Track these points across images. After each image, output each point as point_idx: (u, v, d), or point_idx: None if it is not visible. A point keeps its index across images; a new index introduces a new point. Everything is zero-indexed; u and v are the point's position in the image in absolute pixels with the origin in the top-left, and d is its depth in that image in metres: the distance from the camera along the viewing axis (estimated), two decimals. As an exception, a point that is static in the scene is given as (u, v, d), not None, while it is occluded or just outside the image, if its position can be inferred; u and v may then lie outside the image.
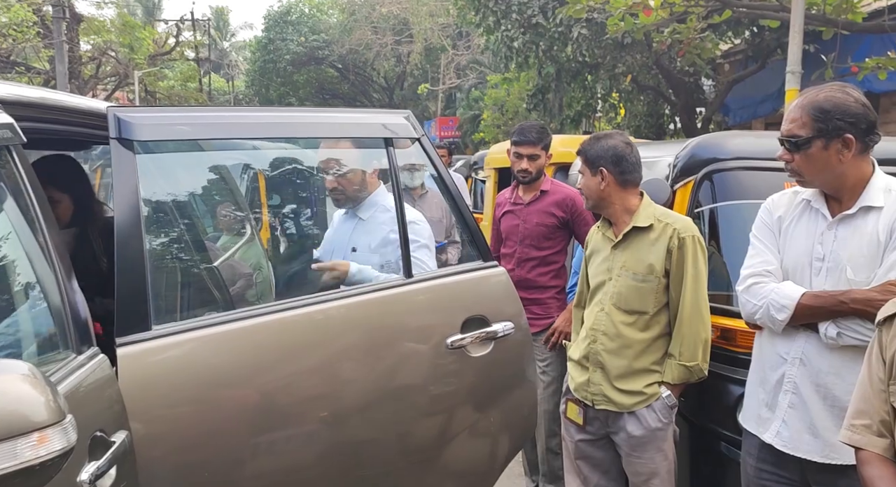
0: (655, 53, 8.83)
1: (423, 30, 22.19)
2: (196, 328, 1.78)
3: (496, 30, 10.69)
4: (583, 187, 2.40)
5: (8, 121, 1.45)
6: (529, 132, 3.16)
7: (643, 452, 2.29)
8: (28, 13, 13.81)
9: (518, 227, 3.22)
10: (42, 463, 0.89)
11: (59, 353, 1.48)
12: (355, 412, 1.96)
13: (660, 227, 2.29)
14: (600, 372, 2.33)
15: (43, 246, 1.48)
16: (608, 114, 13.61)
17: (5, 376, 0.91)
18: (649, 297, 2.27)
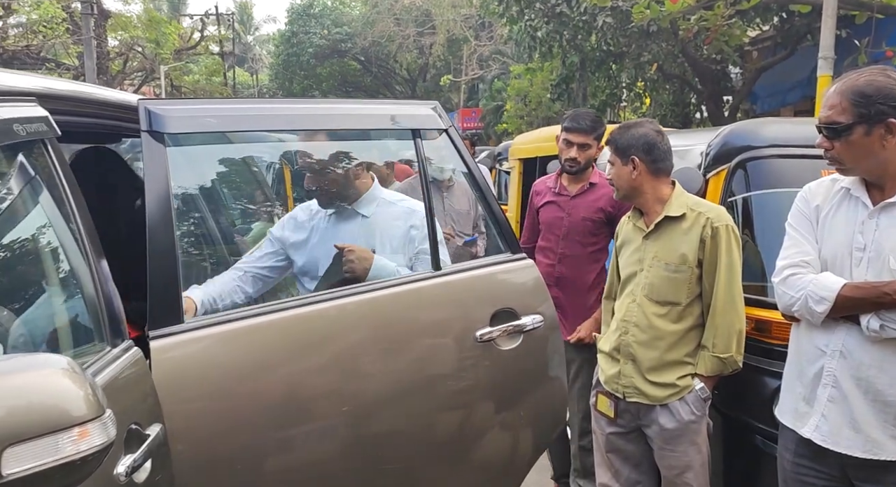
0: (681, 41, 8.69)
1: (446, 21, 22.11)
2: (227, 321, 1.78)
3: (519, 19, 10.61)
4: (613, 177, 2.35)
5: (43, 114, 1.46)
6: (583, 119, 2.98)
7: (676, 445, 2.26)
8: (57, 10, 14.01)
9: (562, 220, 3.03)
10: (83, 458, 0.89)
11: (94, 346, 1.49)
12: (385, 406, 1.96)
13: (693, 217, 2.25)
14: (632, 365, 2.30)
15: (77, 238, 1.49)
16: (633, 104, 13.46)
17: (45, 371, 0.91)
18: (682, 288, 2.24)
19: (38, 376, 0.91)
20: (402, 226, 2.35)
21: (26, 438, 0.85)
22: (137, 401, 1.47)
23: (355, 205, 2.41)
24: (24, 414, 0.86)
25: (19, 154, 1.42)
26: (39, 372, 0.91)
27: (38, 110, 1.46)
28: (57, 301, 1.50)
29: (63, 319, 1.52)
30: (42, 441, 0.86)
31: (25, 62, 15.17)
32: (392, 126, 2.32)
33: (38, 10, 13.70)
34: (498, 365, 2.14)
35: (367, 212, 2.41)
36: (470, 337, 2.08)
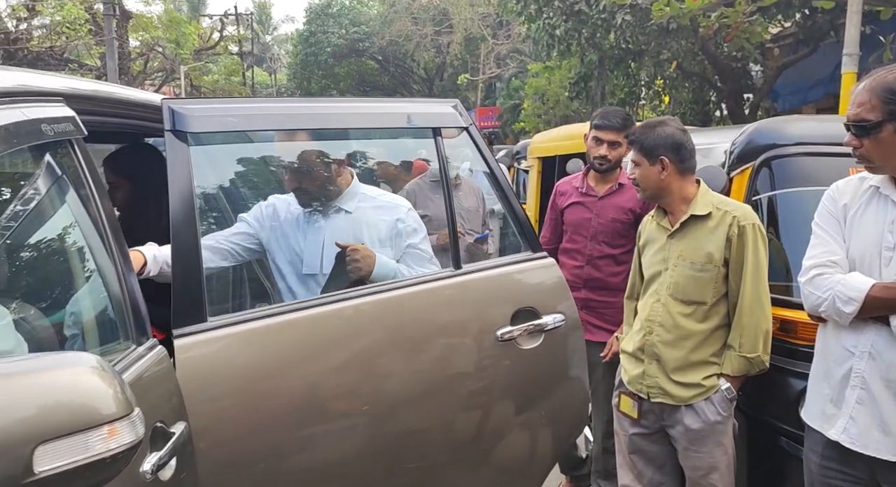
0: (701, 39, 8.61)
1: (463, 20, 22.09)
2: (249, 320, 1.79)
3: (538, 18, 10.56)
4: (639, 178, 2.31)
5: (70, 114, 1.47)
6: (614, 117, 2.94)
7: (701, 446, 2.24)
8: (80, 11, 14.18)
9: (590, 221, 2.98)
10: (113, 456, 0.90)
11: (119, 344, 1.50)
12: (406, 405, 1.95)
13: (719, 215, 2.23)
14: (656, 365, 2.28)
15: (103, 237, 1.50)
16: (652, 102, 13.37)
17: (75, 369, 0.92)
18: (708, 287, 2.22)
19: (67, 374, 0.91)
20: (388, 219, 2.32)
21: (57, 436, 0.85)
22: (162, 399, 1.48)
23: (337, 200, 2.35)
24: (54, 413, 0.87)
25: (47, 153, 1.43)
26: (69, 370, 0.92)
27: (66, 110, 1.47)
28: (83, 299, 1.52)
29: (89, 317, 1.53)
30: (72, 439, 0.87)
31: (49, 63, 15.37)
32: (413, 124, 2.32)
33: (62, 11, 13.88)
34: (519, 365, 2.13)
35: (349, 208, 2.35)
36: (491, 337, 2.07)
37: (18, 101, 1.32)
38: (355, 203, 2.35)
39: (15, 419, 0.83)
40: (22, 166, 1.43)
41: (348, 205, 2.35)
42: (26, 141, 1.30)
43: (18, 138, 1.27)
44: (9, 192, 1.45)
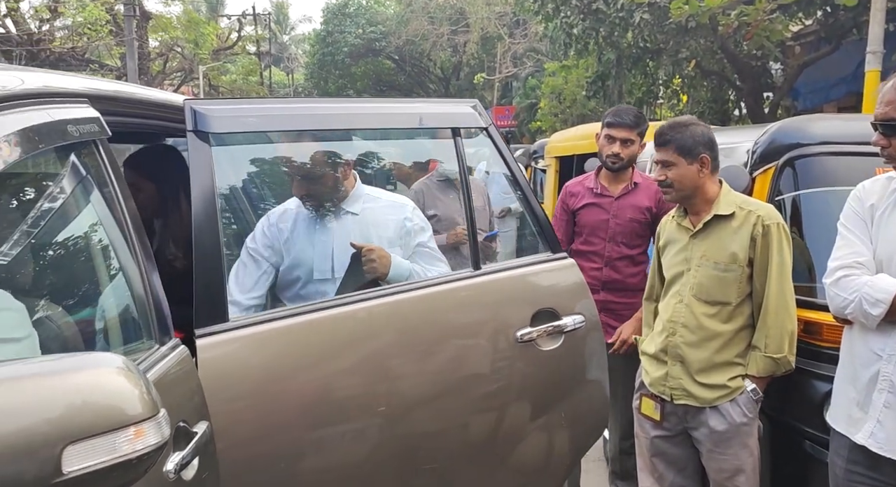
0: (721, 37, 8.53)
1: (480, 19, 22.06)
2: (271, 319, 1.79)
3: (555, 17, 10.51)
4: (675, 178, 2.25)
5: (94, 115, 1.48)
6: (626, 115, 2.90)
7: (727, 448, 2.22)
8: (101, 12, 14.32)
9: (607, 223, 2.93)
10: (139, 457, 0.90)
11: (142, 343, 1.51)
12: (424, 406, 1.95)
13: (742, 215, 2.21)
14: (680, 366, 2.26)
15: (127, 237, 1.51)
16: (670, 101, 13.27)
17: (101, 369, 0.92)
18: (732, 287, 2.20)
19: (94, 375, 0.91)
20: (396, 219, 2.31)
21: (85, 437, 0.86)
22: (185, 399, 1.49)
23: (343, 203, 2.32)
24: (82, 413, 0.87)
25: (72, 154, 1.44)
26: (96, 370, 0.92)
27: (90, 111, 1.48)
28: (107, 298, 1.53)
29: (113, 316, 1.54)
30: (100, 439, 0.87)
31: (71, 63, 15.55)
32: (432, 125, 2.31)
33: (83, 12, 14.03)
34: (538, 366, 2.12)
35: (355, 210, 2.32)
36: (510, 338, 2.06)
37: (44, 103, 1.33)
38: (360, 204, 2.33)
39: (44, 419, 0.84)
40: (48, 167, 1.44)
41: (354, 206, 2.32)
42: (53, 141, 1.31)
43: (45, 139, 1.28)
44: (36, 192, 1.46)
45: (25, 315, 1.21)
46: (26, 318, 1.21)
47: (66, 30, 16.12)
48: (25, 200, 1.48)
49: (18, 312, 1.20)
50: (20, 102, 1.24)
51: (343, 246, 2.23)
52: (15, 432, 0.82)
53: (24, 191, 1.49)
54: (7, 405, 0.82)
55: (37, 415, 0.84)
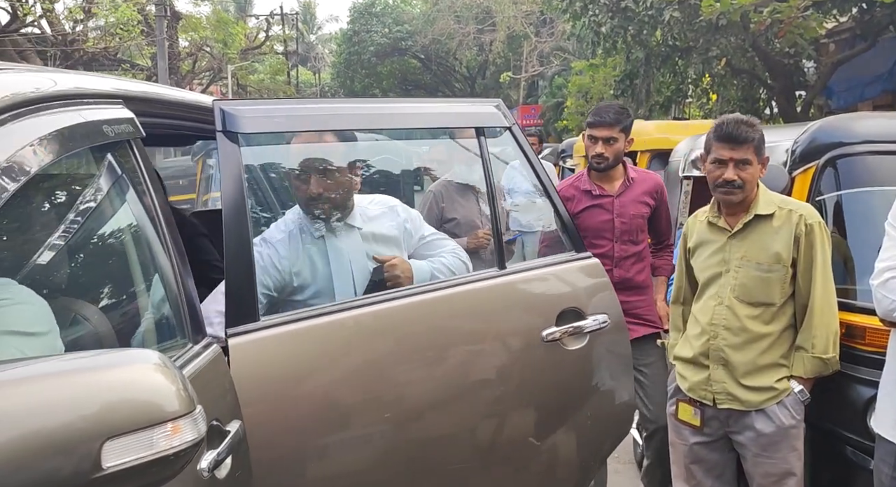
0: (752, 35, 8.38)
1: (506, 17, 21.98)
2: (300, 318, 1.79)
3: (583, 15, 10.43)
4: (748, 178, 2.16)
5: (129, 116, 1.49)
6: (605, 113, 2.86)
7: (775, 451, 2.17)
8: (133, 13, 14.54)
9: (611, 222, 2.88)
10: (176, 453, 0.90)
11: (176, 341, 1.52)
12: (451, 405, 1.94)
13: (783, 214, 2.17)
14: (723, 369, 2.22)
15: (161, 236, 1.51)
16: (700, 100, 13.11)
17: (138, 366, 0.92)
18: (776, 288, 2.16)
19: (131, 371, 0.91)
20: (395, 224, 2.24)
21: (123, 432, 0.86)
22: (218, 397, 1.49)
23: (349, 219, 2.17)
24: (120, 409, 0.87)
25: (108, 154, 1.45)
26: (133, 366, 0.92)
27: (125, 112, 1.49)
28: (141, 297, 1.53)
29: (147, 315, 1.54)
30: (138, 435, 0.87)
31: (103, 64, 15.82)
32: (457, 124, 2.31)
33: (116, 13, 14.25)
34: (564, 366, 2.12)
35: (360, 225, 2.19)
36: (536, 337, 2.06)
37: (78, 104, 1.33)
38: (360, 217, 2.22)
39: (84, 414, 0.84)
40: (84, 167, 1.45)
41: (357, 221, 2.20)
42: (88, 142, 1.32)
43: (80, 140, 1.28)
44: (72, 192, 1.47)
45: (47, 310, 1.21)
46: (48, 314, 1.21)
47: (98, 30, 16.38)
48: (61, 200, 1.49)
49: (39, 307, 1.20)
50: (53, 104, 1.25)
51: (360, 264, 2.12)
52: (55, 427, 0.82)
53: (61, 191, 1.51)
54: (47, 400, 0.83)
55: (77, 411, 0.84)
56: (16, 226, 1.36)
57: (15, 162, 1.06)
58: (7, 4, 13.99)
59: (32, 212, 1.46)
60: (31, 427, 0.81)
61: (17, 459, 0.79)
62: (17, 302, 1.15)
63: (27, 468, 0.80)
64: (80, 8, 14.94)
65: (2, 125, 1.10)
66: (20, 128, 1.13)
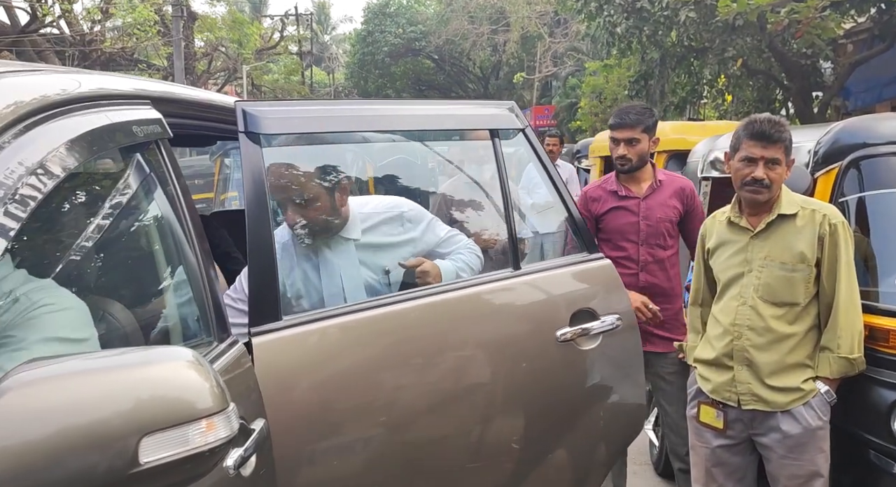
0: (769, 35, 8.33)
1: (520, 18, 21.95)
2: (322, 318, 1.80)
3: (598, 15, 10.41)
4: (777, 178, 2.15)
5: (157, 116, 1.50)
6: (626, 114, 2.82)
7: (802, 453, 2.16)
8: (150, 13, 14.67)
9: (637, 225, 2.83)
10: (210, 450, 0.91)
11: (201, 340, 1.53)
12: (475, 404, 1.95)
13: (806, 214, 2.16)
14: (747, 370, 2.21)
15: (187, 235, 1.53)
16: (715, 101, 13.03)
17: (173, 363, 0.93)
18: (800, 288, 2.15)
19: (167, 368, 0.93)
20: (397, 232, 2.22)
21: (159, 429, 0.87)
22: (243, 396, 1.50)
23: (343, 232, 2.15)
24: (156, 406, 0.88)
25: (137, 154, 1.47)
26: (168, 364, 0.94)
27: (153, 113, 1.50)
28: (168, 296, 1.55)
29: (173, 313, 1.56)
30: (173, 432, 0.88)
31: (120, 64, 15.96)
32: (472, 126, 2.32)
33: (133, 13, 14.38)
34: (578, 366, 2.14)
35: (355, 236, 2.16)
36: (551, 338, 2.08)
37: (109, 105, 1.35)
38: (359, 229, 2.19)
39: (122, 411, 0.85)
40: (114, 167, 1.47)
41: (353, 233, 2.17)
42: (118, 143, 1.34)
43: (110, 140, 1.30)
44: (102, 192, 1.49)
45: (87, 314, 1.23)
46: (88, 318, 1.22)
47: (116, 30, 16.53)
48: (92, 200, 1.51)
49: (81, 311, 1.22)
50: (85, 105, 1.26)
51: (351, 275, 2.10)
52: (95, 423, 0.84)
53: (92, 191, 1.53)
54: (86, 397, 0.84)
55: (115, 407, 0.85)
56: (48, 227, 1.38)
57: (48, 163, 1.07)
58: (27, 5, 14.15)
59: (64, 212, 1.48)
60: (72, 423, 0.82)
61: (57, 454, 0.81)
62: (62, 307, 1.17)
63: (67, 463, 0.81)
64: (98, 8, 15.09)
65: (35, 126, 1.12)
66: (52, 130, 1.14)
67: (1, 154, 1.00)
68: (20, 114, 1.08)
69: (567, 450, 2.18)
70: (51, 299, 1.16)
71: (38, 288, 1.18)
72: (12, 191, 0.96)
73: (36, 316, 1.14)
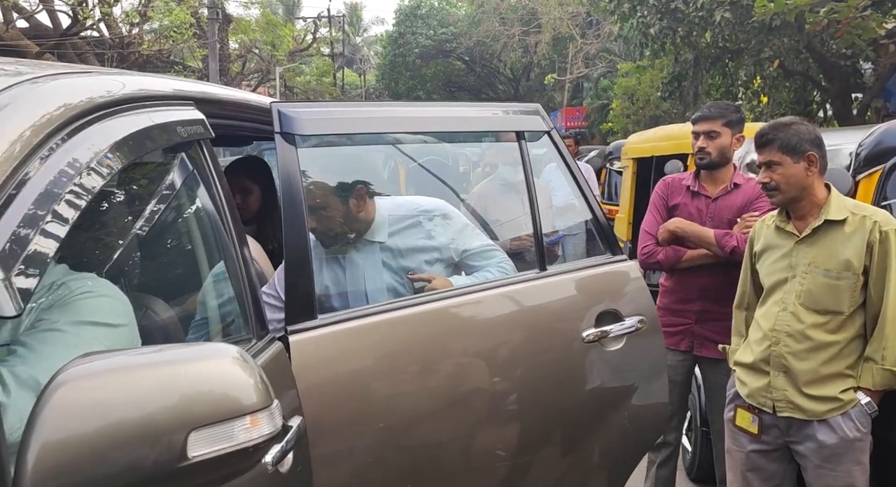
0: (807, 36, 8.18)
1: (552, 19, 21.85)
2: (356, 317, 1.81)
3: (631, 16, 10.32)
4: (780, 179, 2.15)
5: (200, 117, 1.53)
6: (708, 108, 2.78)
7: (838, 464, 2.12)
8: (187, 16, 14.93)
9: (704, 226, 2.75)
10: (255, 446, 0.93)
11: (241, 337, 1.56)
12: (504, 401, 1.96)
13: (856, 220, 2.11)
14: (783, 376, 2.18)
15: (228, 234, 1.55)
16: (750, 102, 12.83)
17: (219, 360, 0.95)
18: (845, 296, 2.10)
19: (213, 364, 0.94)
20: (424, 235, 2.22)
21: (207, 424, 0.89)
22: (281, 393, 1.52)
23: (367, 235, 2.19)
24: (203, 401, 0.90)
25: (180, 154, 1.50)
26: (214, 360, 0.95)
27: (196, 113, 1.53)
28: (209, 292, 1.58)
29: (214, 310, 1.59)
30: (220, 427, 0.90)
31: (157, 66, 16.28)
32: (498, 128, 2.36)
33: (170, 16, 14.65)
34: (605, 366, 2.16)
35: (381, 238, 2.19)
36: (578, 338, 2.10)
37: (155, 106, 1.38)
38: (385, 231, 2.21)
39: (171, 405, 0.87)
40: (159, 167, 1.50)
41: (379, 236, 2.20)
42: (163, 143, 1.37)
43: (155, 141, 1.33)
44: (147, 192, 1.52)
45: (126, 304, 1.24)
46: (127, 307, 1.24)
47: (153, 33, 16.84)
48: (135, 198, 1.55)
49: (119, 300, 1.24)
50: (132, 106, 1.29)
51: (374, 277, 2.13)
52: (145, 417, 0.85)
53: (135, 190, 1.56)
54: (137, 392, 0.86)
55: (164, 402, 0.87)
56: (96, 225, 1.42)
57: (95, 165, 1.09)
58: (68, 8, 14.49)
59: (108, 210, 1.52)
60: (124, 417, 0.84)
61: (109, 447, 0.83)
62: (100, 294, 1.20)
63: (118, 456, 0.84)
64: (136, 11, 15.40)
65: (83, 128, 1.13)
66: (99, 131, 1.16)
67: (51, 156, 1.02)
68: (69, 116, 1.10)
69: (595, 449, 2.20)
70: (88, 287, 1.19)
71: (78, 278, 1.21)
72: (62, 194, 0.99)
73: (72, 301, 1.16)
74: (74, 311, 1.15)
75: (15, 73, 1.19)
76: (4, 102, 1.03)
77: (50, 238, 0.94)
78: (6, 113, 1.01)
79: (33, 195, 0.94)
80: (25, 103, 1.05)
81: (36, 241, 0.91)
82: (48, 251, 0.93)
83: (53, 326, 1.12)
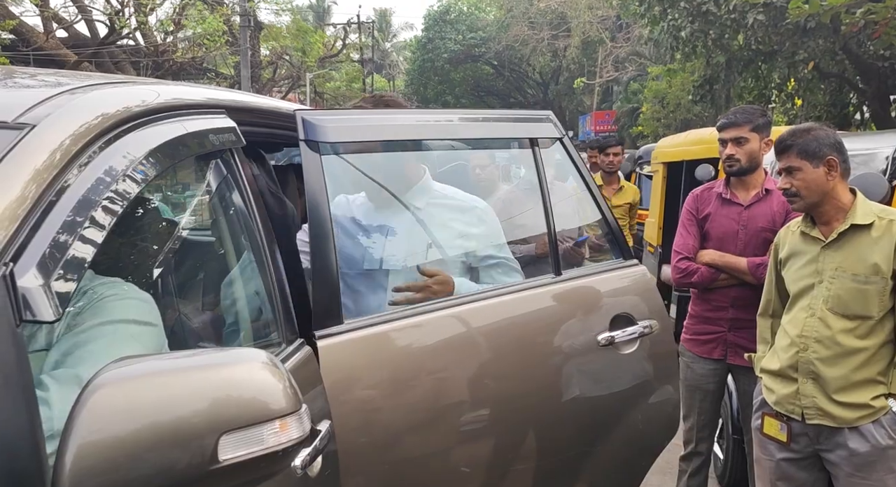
0: (843, 37, 8.04)
1: (581, 23, 21.79)
2: (381, 322, 1.82)
3: (662, 19, 10.25)
4: (801, 184, 2.14)
5: (231, 125, 1.56)
6: (734, 113, 2.72)
7: (870, 472, 2.08)
8: (220, 24, 15.19)
9: (737, 234, 2.72)
10: (284, 450, 0.94)
11: (271, 341, 1.58)
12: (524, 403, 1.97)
13: (883, 224, 2.08)
14: (812, 383, 2.15)
15: (259, 240, 1.58)
16: (784, 105, 12.64)
17: (249, 364, 0.97)
18: (874, 300, 2.07)
19: (243, 369, 0.96)
20: (463, 220, 2.20)
21: (236, 428, 0.90)
22: (310, 397, 1.54)
23: (406, 195, 2.19)
24: (233, 405, 0.91)
25: (213, 162, 1.53)
26: (244, 365, 0.97)
27: (227, 121, 1.56)
28: (240, 299, 1.60)
29: (244, 315, 1.61)
30: (250, 431, 0.91)
31: (190, 73, 16.59)
32: (513, 135, 2.40)
33: (203, 24, 14.92)
34: (619, 369, 2.19)
35: (419, 204, 2.19)
36: (593, 341, 2.12)
37: (187, 114, 1.41)
38: (426, 199, 2.21)
39: (202, 409, 0.89)
40: (191, 175, 1.53)
41: (418, 200, 2.20)
42: (196, 151, 1.39)
43: (188, 149, 1.35)
44: (179, 198, 1.55)
45: (153, 306, 1.26)
46: (154, 309, 1.26)
47: (187, 41, 17.16)
48: (167, 205, 1.58)
49: (146, 302, 1.26)
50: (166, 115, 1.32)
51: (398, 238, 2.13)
52: (178, 421, 0.87)
53: (168, 196, 1.60)
54: (170, 395, 0.88)
55: (196, 406, 0.89)
56: (129, 232, 1.45)
57: (131, 173, 1.11)
58: (105, 18, 14.84)
59: (141, 216, 1.55)
60: (158, 420, 0.86)
61: (143, 450, 0.85)
62: (126, 297, 1.22)
63: (151, 458, 0.85)
64: (170, 20, 15.72)
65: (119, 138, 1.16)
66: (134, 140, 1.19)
67: (89, 165, 1.05)
68: (106, 125, 1.14)
69: (609, 450, 2.21)
70: (115, 290, 1.21)
71: (105, 282, 1.23)
72: (99, 201, 1.01)
73: (102, 304, 1.17)
74: (106, 313, 1.17)
75: (55, 84, 1.22)
76: (46, 113, 1.06)
77: (87, 243, 0.96)
78: (47, 123, 1.04)
79: (72, 202, 0.97)
80: (65, 113, 1.09)
81: (74, 247, 0.93)
82: (85, 256, 0.95)
83: (88, 328, 1.15)
